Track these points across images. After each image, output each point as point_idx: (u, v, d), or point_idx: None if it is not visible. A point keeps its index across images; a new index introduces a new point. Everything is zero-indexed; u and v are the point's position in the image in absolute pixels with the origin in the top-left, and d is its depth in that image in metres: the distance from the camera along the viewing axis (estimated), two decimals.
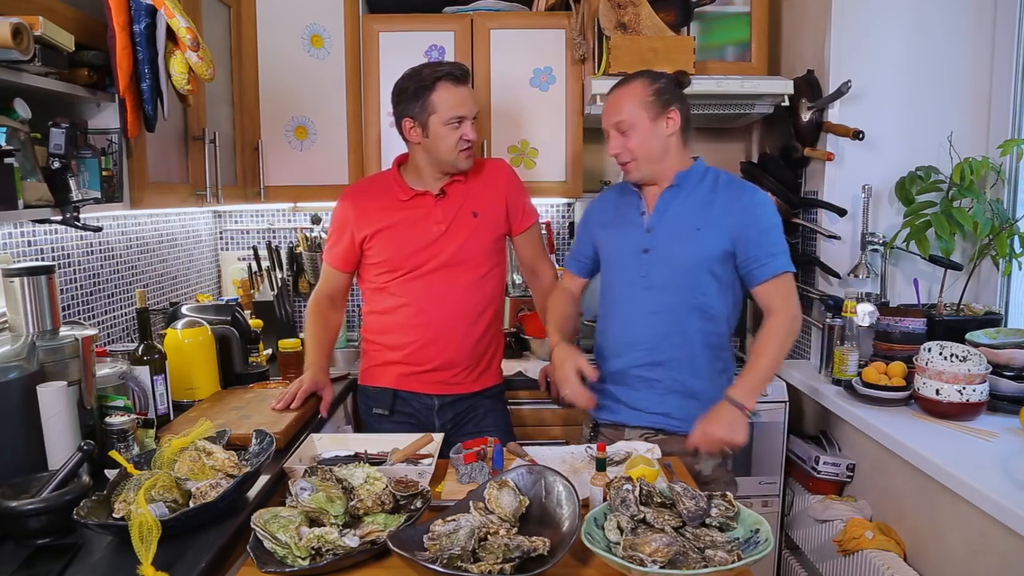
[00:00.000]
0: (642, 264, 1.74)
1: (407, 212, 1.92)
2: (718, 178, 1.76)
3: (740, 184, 1.77)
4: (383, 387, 2.00)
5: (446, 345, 1.94)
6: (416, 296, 1.93)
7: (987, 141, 2.30)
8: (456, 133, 1.85)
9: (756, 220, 1.68)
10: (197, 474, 1.32)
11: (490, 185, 1.98)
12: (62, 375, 1.40)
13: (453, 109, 1.83)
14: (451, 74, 1.84)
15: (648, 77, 1.73)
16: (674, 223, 1.73)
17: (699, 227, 1.70)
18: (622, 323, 1.80)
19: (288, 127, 2.58)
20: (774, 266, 1.68)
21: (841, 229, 2.36)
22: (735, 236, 1.68)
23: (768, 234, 1.68)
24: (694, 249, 1.70)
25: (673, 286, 1.72)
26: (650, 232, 1.75)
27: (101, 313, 2.08)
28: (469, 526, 1.16)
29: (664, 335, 1.74)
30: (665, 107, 1.70)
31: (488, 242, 1.97)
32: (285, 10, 2.52)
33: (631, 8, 2.38)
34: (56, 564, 1.10)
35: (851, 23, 2.31)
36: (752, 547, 1.13)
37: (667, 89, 1.71)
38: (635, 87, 1.71)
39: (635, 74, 1.75)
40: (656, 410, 1.76)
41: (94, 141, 1.61)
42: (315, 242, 2.86)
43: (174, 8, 1.59)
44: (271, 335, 2.51)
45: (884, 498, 1.93)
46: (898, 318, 2.14)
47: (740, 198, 1.71)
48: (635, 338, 1.77)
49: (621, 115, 1.70)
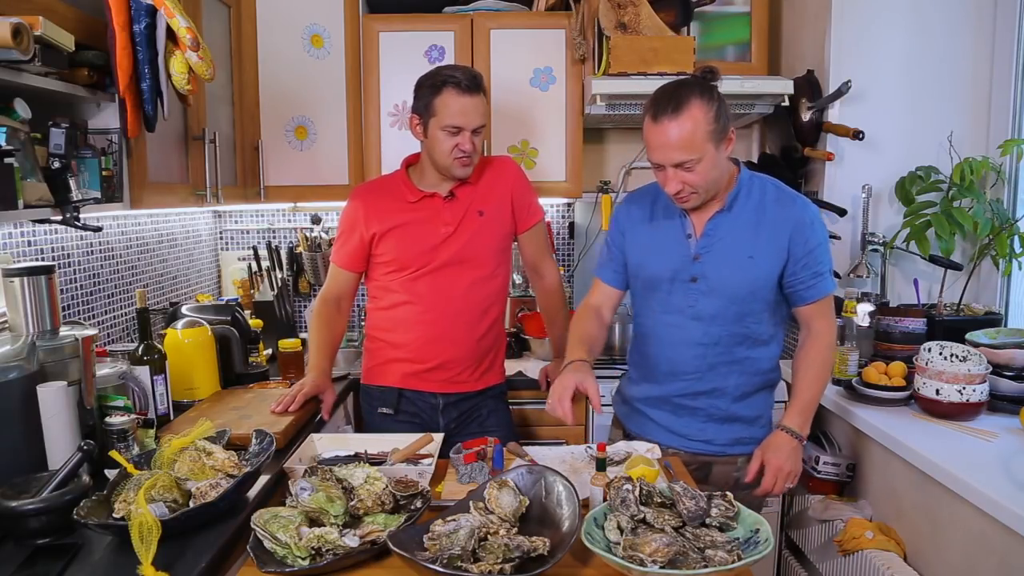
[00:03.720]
0: (689, 293, 1.62)
1: (415, 213, 1.92)
2: (765, 191, 1.63)
3: (788, 198, 1.63)
4: (388, 386, 2.00)
5: (451, 342, 1.95)
6: (422, 293, 1.93)
7: (987, 141, 2.30)
8: (452, 141, 1.82)
9: (805, 240, 1.58)
10: (197, 474, 1.32)
11: (497, 184, 1.98)
12: (62, 375, 1.40)
13: (452, 117, 1.81)
14: (460, 82, 1.81)
15: (703, 97, 1.48)
16: (724, 250, 1.60)
17: (751, 255, 1.58)
18: (665, 351, 1.68)
19: (288, 127, 2.58)
20: (821, 288, 1.61)
21: (841, 229, 2.36)
22: (785, 257, 1.59)
23: (815, 253, 1.59)
24: (747, 280, 1.59)
25: (723, 318, 1.61)
26: (698, 260, 1.61)
27: (101, 313, 2.08)
28: (469, 526, 1.16)
29: (711, 366, 1.65)
30: (726, 129, 1.51)
31: (494, 240, 1.97)
32: (285, 10, 2.52)
33: (631, 8, 2.38)
34: (56, 564, 1.10)
35: (851, 23, 2.31)
36: (752, 547, 1.13)
37: (723, 106, 1.51)
38: (696, 115, 1.46)
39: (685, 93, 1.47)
40: (698, 437, 1.70)
41: (94, 141, 1.61)
42: (315, 242, 2.86)
43: (174, 8, 1.59)
44: (271, 335, 2.51)
45: (884, 498, 1.93)
46: (898, 318, 2.14)
47: (790, 216, 1.59)
48: (679, 368, 1.67)
49: (692, 153, 1.47)
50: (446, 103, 1.81)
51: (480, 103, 1.85)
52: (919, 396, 1.91)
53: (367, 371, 2.07)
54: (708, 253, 1.61)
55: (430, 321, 1.93)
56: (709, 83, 1.53)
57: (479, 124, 1.85)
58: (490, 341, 2.01)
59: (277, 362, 2.28)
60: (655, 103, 1.50)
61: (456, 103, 1.81)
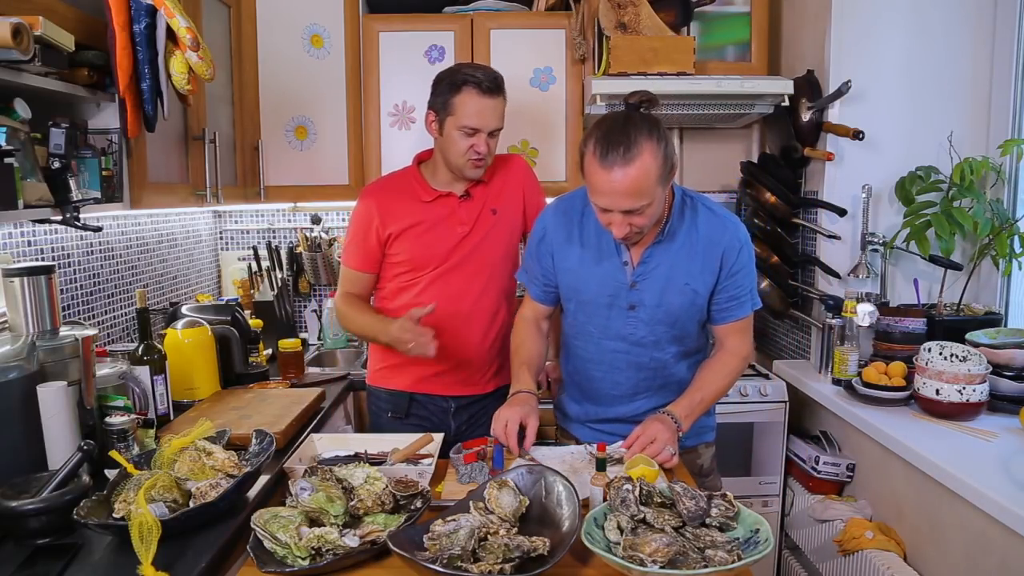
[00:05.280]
0: (628, 321, 1.61)
1: (431, 212, 1.89)
2: (696, 213, 1.59)
3: (719, 222, 1.59)
4: (399, 390, 1.97)
5: (464, 344, 1.92)
6: (435, 295, 1.87)
7: (987, 141, 2.30)
8: (467, 142, 1.80)
9: (731, 265, 1.58)
10: (197, 474, 1.32)
11: (509, 181, 1.96)
12: (62, 375, 1.40)
13: (469, 118, 1.78)
14: (481, 83, 1.78)
15: (652, 138, 1.40)
16: (661, 278, 1.58)
17: (687, 281, 1.58)
18: (610, 376, 1.68)
19: (288, 127, 2.58)
20: (737, 312, 1.61)
21: (841, 229, 2.36)
22: (715, 281, 1.59)
23: (736, 278, 1.59)
24: (685, 304, 1.59)
25: (665, 340, 1.62)
26: (635, 287, 1.59)
27: (101, 313, 2.08)
28: (469, 526, 1.16)
29: (653, 378, 1.67)
30: (673, 166, 1.45)
31: (506, 240, 1.95)
32: (285, 10, 2.52)
33: (631, 8, 2.38)
34: (56, 564, 1.10)
35: (851, 23, 2.31)
36: (752, 547, 1.13)
37: (668, 141, 1.44)
38: (647, 161, 1.38)
39: (635, 135, 1.39)
40: None
41: (94, 141, 1.61)
42: (315, 242, 2.86)
43: (174, 8, 1.59)
44: (271, 335, 2.51)
45: (884, 498, 1.93)
46: (898, 318, 2.14)
47: (721, 241, 1.57)
48: (631, 391, 1.68)
49: (643, 200, 1.41)
50: (465, 103, 1.78)
51: (499, 105, 1.82)
52: (919, 396, 1.91)
53: (374, 373, 2.03)
54: (645, 280, 1.58)
55: (443, 323, 1.87)
56: (653, 117, 1.46)
57: (496, 127, 1.82)
58: (501, 342, 1.99)
59: (277, 362, 2.28)
60: (604, 143, 1.40)
61: (475, 104, 1.78)
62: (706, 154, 2.91)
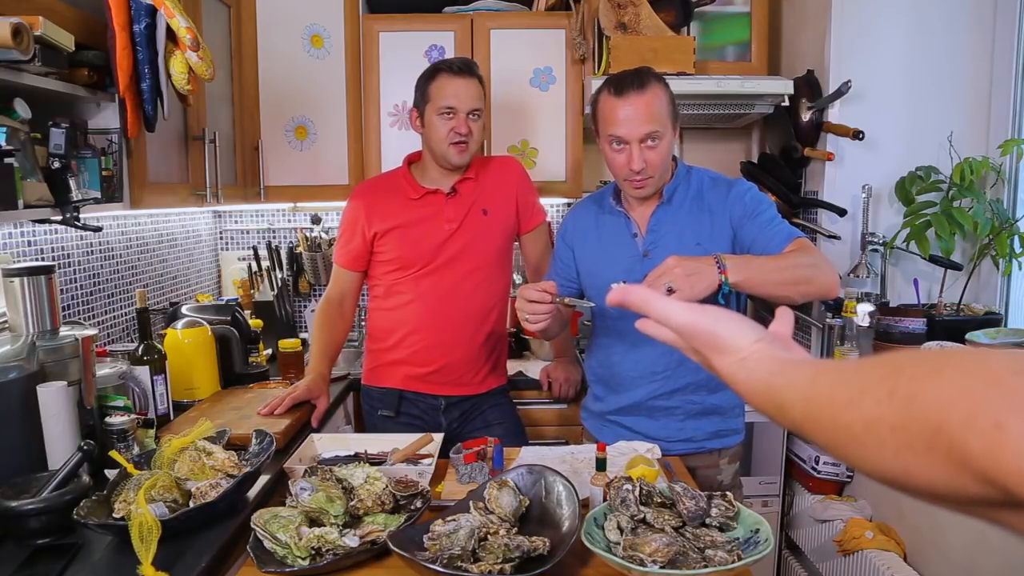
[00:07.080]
0: None
1: (418, 210, 1.91)
2: (701, 181, 1.65)
3: (724, 182, 1.64)
4: (389, 388, 1.99)
5: (454, 345, 1.93)
6: (424, 294, 1.91)
7: (987, 141, 2.30)
8: (447, 124, 1.83)
9: (743, 205, 1.57)
10: (197, 474, 1.32)
11: (501, 183, 1.97)
12: (62, 375, 1.40)
13: (445, 98, 1.83)
14: (452, 66, 1.85)
15: (660, 82, 1.55)
16: (672, 242, 1.59)
17: (698, 242, 1.58)
18: (631, 355, 1.66)
19: (288, 127, 2.58)
20: (785, 235, 1.52)
21: (841, 229, 2.36)
22: (735, 235, 1.58)
23: (761, 216, 1.56)
24: None
25: None
26: (647, 257, 1.61)
27: (101, 313, 2.08)
28: (469, 526, 1.16)
29: (680, 360, 1.59)
30: (677, 117, 1.57)
31: (498, 240, 1.96)
32: (285, 10, 2.52)
33: (631, 8, 2.38)
34: (56, 564, 1.10)
35: (851, 23, 2.31)
36: (752, 547, 1.13)
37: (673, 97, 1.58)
38: (659, 91, 1.53)
39: (645, 73, 1.54)
40: (678, 437, 1.67)
41: (94, 141, 1.61)
42: (315, 242, 2.86)
43: (174, 8, 1.59)
44: (271, 335, 2.51)
45: (884, 498, 1.93)
46: (898, 318, 2.14)
47: (727, 196, 1.60)
48: (648, 369, 1.65)
49: (658, 125, 1.50)
50: (439, 87, 1.84)
51: (473, 85, 1.86)
52: None
53: (368, 372, 2.05)
54: (656, 248, 1.61)
55: (433, 323, 1.92)
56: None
57: (473, 107, 1.85)
58: (493, 343, 2.00)
59: (277, 362, 2.28)
60: (617, 82, 1.54)
61: (448, 85, 1.84)
62: (706, 154, 2.91)
